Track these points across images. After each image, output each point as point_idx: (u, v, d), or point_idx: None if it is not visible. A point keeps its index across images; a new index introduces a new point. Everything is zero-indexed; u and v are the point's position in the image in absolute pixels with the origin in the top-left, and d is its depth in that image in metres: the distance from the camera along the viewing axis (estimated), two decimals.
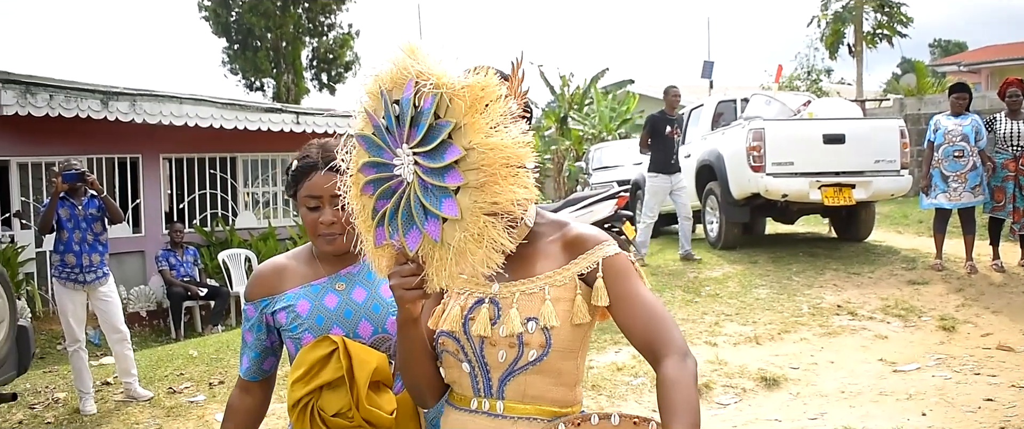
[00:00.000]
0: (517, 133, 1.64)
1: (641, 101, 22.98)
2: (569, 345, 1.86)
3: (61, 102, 10.71)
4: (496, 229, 1.65)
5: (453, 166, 1.64)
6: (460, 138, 1.63)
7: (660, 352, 1.75)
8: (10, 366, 6.01)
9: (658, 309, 1.82)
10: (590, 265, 1.85)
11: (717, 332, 7.88)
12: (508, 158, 1.62)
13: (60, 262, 6.89)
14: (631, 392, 6.48)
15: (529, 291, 1.86)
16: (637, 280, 1.86)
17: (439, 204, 1.66)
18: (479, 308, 1.90)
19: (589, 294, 1.85)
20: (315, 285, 2.37)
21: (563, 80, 22.49)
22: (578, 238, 1.89)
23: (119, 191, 12.22)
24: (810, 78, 26.86)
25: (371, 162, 1.78)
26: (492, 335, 1.85)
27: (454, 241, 1.66)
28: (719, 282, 9.56)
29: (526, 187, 1.67)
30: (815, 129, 10.23)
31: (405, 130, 1.69)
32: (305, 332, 2.31)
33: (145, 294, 12.22)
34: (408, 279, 1.77)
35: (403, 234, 1.74)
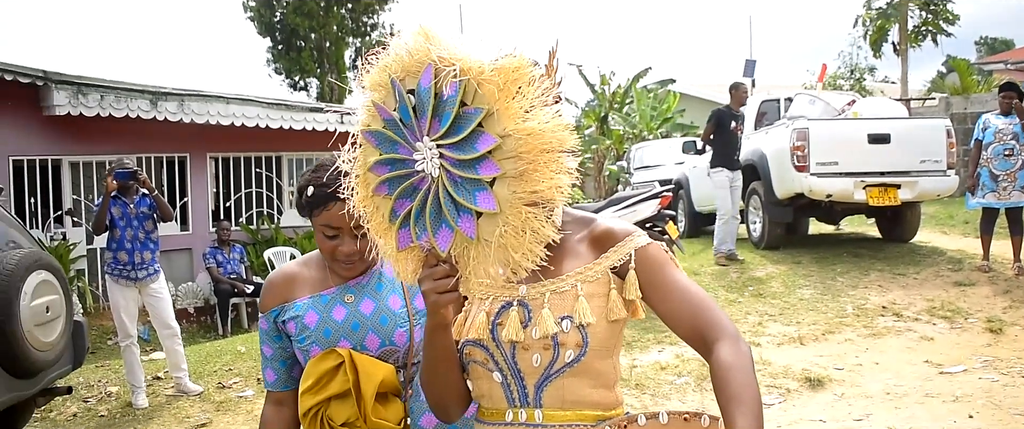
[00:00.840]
0: (554, 116, 1.55)
1: (682, 100, 22.88)
2: (606, 342, 1.78)
3: (111, 102, 10.92)
4: (538, 219, 1.56)
5: (487, 156, 1.52)
6: (493, 125, 1.51)
7: (710, 338, 1.68)
8: (66, 360, 6.15)
9: (700, 295, 1.74)
10: (622, 257, 1.78)
11: (760, 332, 7.87)
12: (547, 143, 1.53)
13: (113, 259, 7.04)
14: (675, 391, 6.50)
15: (560, 289, 1.78)
16: (673, 268, 1.79)
17: (473, 198, 1.55)
18: (507, 312, 1.80)
19: (623, 288, 1.78)
20: (324, 296, 2.34)
21: (603, 79, 22.44)
22: (607, 232, 1.82)
23: (167, 190, 12.43)
24: (854, 77, 26.58)
25: (384, 160, 1.66)
26: (524, 338, 1.76)
27: (493, 236, 1.56)
28: (762, 282, 9.54)
29: (568, 173, 1.57)
30: (860, 129, 10.17)
31: (426, 121, 1.56)
32: (312, 344, 2.28)
33: (192, 291, 12.42)
34: (442, 281, 1.66)
35: (432, 234, 1.63)
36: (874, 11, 25.07)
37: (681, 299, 1.74)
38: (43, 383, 5.96)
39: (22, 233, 6.27)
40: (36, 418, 6.72)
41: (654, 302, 1.77)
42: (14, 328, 5.41)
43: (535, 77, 1.55)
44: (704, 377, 6.64)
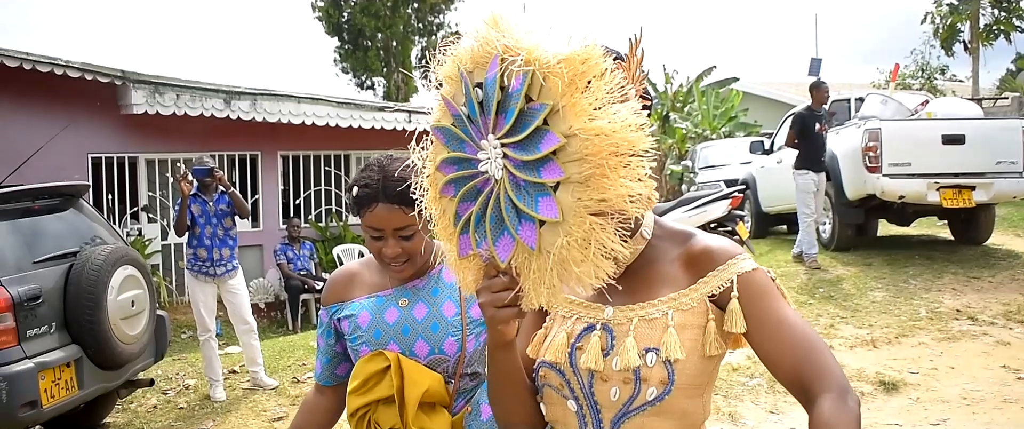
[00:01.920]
0: (628, 114, 1.36)
1: (745, 99, 22.68)
2: (696, 380, 1.56)
3: (187, 101, 11.18)
4: (606, 232, 1.38)
5: (550, 157, 1.36)
6: (558, 123, 1.35)
7: (814, 388, 1.45)
8: (148, 353, 6.33)
9: (809, 335, 1.51)
10: (723, 284, 1.56)
11: (832, 334, 7.79)
12: (618, 145, 1.34)
13: (193, 255, 7.21)
14: (747, 393, 6.47)
15: (650, 316, 1.58)
16: (780, 300, 1.56)
17: (535, 204, 1.40)
18: (589, 336, 1.62)
19: (721, 319, 1.57)
20: (380, 297, 2.32)
21: (666, 77, 22.34)
22: (706, 252, 1.61)
23: (239, 187, 12.67)
24: (924, 76, 26.12)
25: (451, 158, 1.52)
26: (604, 369, 1.57)
27: (554, 248, 1.39)
28: (833, 284, 9.44)
29: (641, 180, 1.37)
30: (934, 129, 10.01)
31: (491, 117, 1.42)
32: (363, 345, 2.26)
33: (263, 287, 12.65)
34: (500, 295, 1.50)
35: (492, 242, 1.49)
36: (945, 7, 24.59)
37: (786, 339, 1.51)
38: (127, 375, 6.14)
39: (106, 229, 6.46)
40: (118, 409, 6.92)
41: (754, 338, 1.55)
42: (102, 321, 5.58)
43: (606, 69, 1.37)
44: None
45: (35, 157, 6.82)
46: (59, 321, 5.50)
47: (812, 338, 1.51)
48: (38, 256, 5.60)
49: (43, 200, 6.00)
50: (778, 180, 11.75)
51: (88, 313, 5.52)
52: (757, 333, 1.54)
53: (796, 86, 24.49)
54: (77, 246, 5.87)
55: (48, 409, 5.26)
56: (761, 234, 12.92)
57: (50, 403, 5.26)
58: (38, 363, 5.20)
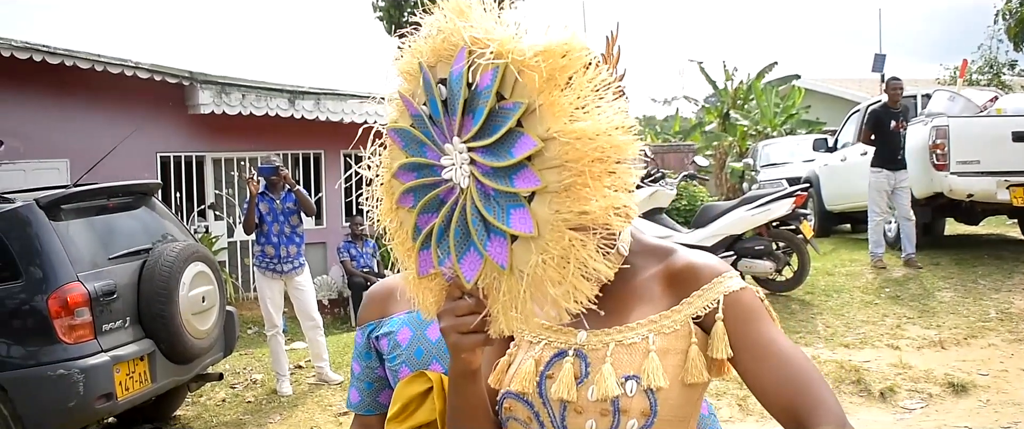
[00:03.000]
0: (614, 115, 1.20)
1: (807, 96, 22.39)
2: (680, 411, 1.40)
3: (252, 101, 11.38)
4: (587, 249, 1.22)
5: (525, 164, 1.20)
6: (534, 125, 1.19)
7: (808, 421, 1.29)
8: (218, 348, 6.48)
9: (803, 363, 1.36)
10: (708, 305, 1.41)
11: (899, 335, 7.68)
12: (602, 150, 1.19)
13: (260, 252, 7.35)
14: None
15: (628, 341, 1.42)
16: (770, 323, 1.41)
17: (506, 217, 1.22)
18: (560, 363, 1.45)
19: (705, 343, 1.41)
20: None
21: (726, 74, 22.15)
22: (689, 269, 1.46)
23: (302, 186, 12.85)
24: (992, 71, 25.55)
25: (410, 164, 1.35)
26: (578, 399, 1.40)
27: (528, 267, 1.22)
28: (899, 284, 9.30)
29: (628, 190, 1.22)
30: (1004, 126, 9.78)
31: (456, 118, 1.25)
32: (402, 364, 2.03)
33: (326, 283, 12.82)
34: (464, 319, 1.32)
35: (456, 259, 1.30)
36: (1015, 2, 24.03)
37: (777, 366, 1.35)
38: (197, 369, 6.29)
39: (177, 226, 6.62)
40: (188, 402, 7.08)
41: (741, 365, 1.39)
42: (174, 316, 5.72)
43: (591, 63, 1.22)
44: (842, 379, 6.55)
45: (107, 156, 7.01)
46: (133, 316, 5.66)
47: (806, 367, 1.35)
48: (113, 252, 5.76)
49: (117, 198, 6.17)
50: (842, 178, 11.58)
51: (161, 308, 5.66)
52: (745, 359, 1.38)
53: (859, 82, 24.13)
54: (149, 243, 6.02)
55: (122, 401, 5.42)
56: (825, 233, 12.76)
57: (124, 395, 5.41)
58: (113, 356, 5.35)
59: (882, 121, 9.92)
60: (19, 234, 5.37)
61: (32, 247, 5.33)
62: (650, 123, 36.02)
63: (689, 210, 12.89)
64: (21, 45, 10.08)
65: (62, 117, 10.89)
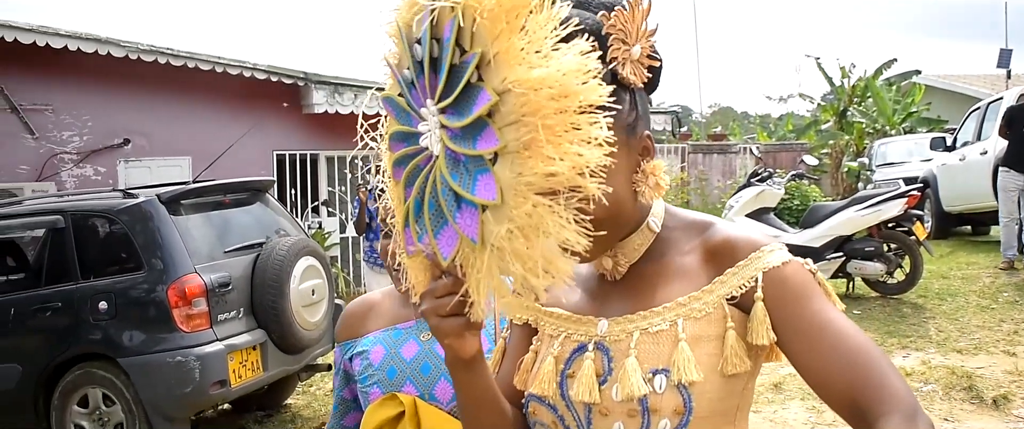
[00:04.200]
0: (573, 59, 1.04)
1: (928, 93, 21.68)
2: (721, 405, 1.23)
3: (365, 101, 11.64)
4: (555, 216, 1.04)
5: (486, 122, 1.06)
6: (491, 77, 1.04)
7: (873, 410, 1.11)
8: (327, 339, 6.69)
9: (865, 344, 1.16)
10: (745, 282, 1.23)
11: (1016, 342, 7.41)
12: (564, 99, 1.02)
13: (369, 249, 7.58)
14: (921, 400, 6.26)
15: (654, 328, 1.25)
16: (824, 301, 1.22)
17: (472, 184, 1.09)
18: (580, 359, 1.29)
19: (747, 327, 1.24)
20: (398, 329, 1.95)
21: (843, 71, 21.63)
22: (725, 243, 1.28)
23: None
24: None
25: (399, 132, 1.22)
26: (602, 400, 1.24)
27: (496, 239, 1.07)
28: (1019, 288, 8.96)
29: (598, 144, 1.04)
30: None
31: (425, 79, 1.13)
32: (374, 385, 1.88)
33: None
34: (442, 301, 1.18)
35: (432, 234, 1.17)
36: None
37: (834, 349, 1.16)
38: (307, 359, 6.51)
39: (289, 221, 6.86)
40: (298, 391, 7.33)
41: (790, 349, 1.22)
42: (285, 308, 5.94)
43: (545, 2, 1.05)
44: (953, 385, 6.36)
45: (227, 155, 7.32)
46: (246, 307, 5.90)
47: (869, 348, 1.16)
48: (228, 246, 6.02)
49: (233, 194, 6.44)
50: (961, 178, 11.21)
51: (272, 300, 5.88)
52: (794, 343, 1.20)
53: (983, 79, 23.22)
54: (263, 237, 6.27)
55: (235, 388, 5.66)
56: (942, 235, 12.37)
57: (237, 383, 5.65)
58: (227, 345, 5.59)
59: (1015, 119, 9.55)
60: (142, 227, 5.66)
61: (153, 240, 5.62)
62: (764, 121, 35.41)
63: (801, 210, 12.67)
64: (147, 48, 10.57)
65: (184, 116, 11.37)
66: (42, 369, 5.74)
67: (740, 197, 9.30)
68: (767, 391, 6.30)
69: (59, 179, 10.75)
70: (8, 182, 10.36)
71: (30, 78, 10.48)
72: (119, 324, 5.56)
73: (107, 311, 5.57)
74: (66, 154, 10.85)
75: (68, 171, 10.84)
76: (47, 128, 10.73)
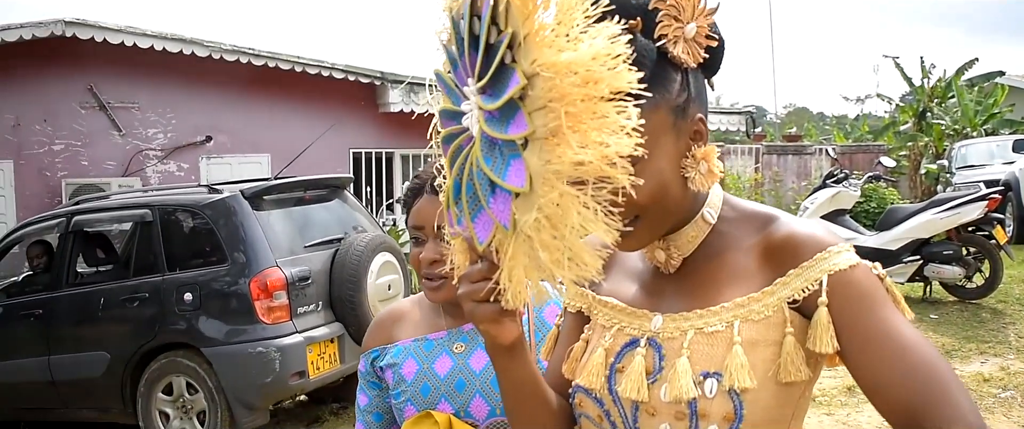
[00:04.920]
0: (602, 42, 0.99)
1: (1011, 94, 21.12)
2: (775, 414, 1.17)
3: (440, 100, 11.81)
4: (585, 206, 1.00)
5: (517, 106, 1.02)
6: (522, 59, 1.00)
7: (934, 424, 1.04)
8: None
9: (931, 357, 1.09)
10: (808, 286, 1.16)
11: None
12: (591, 85, 0.98)
13: None
14: (999, 406, 6.15)
15: (710, 328, 1.19)
16: (890, 308, 1.14)
17: (504, 169, 1.05)
18: (631, 353, 1.24)
19: (805, 333, 1.17)
20: (429, 340, 1.84)
21: (923, 71, 21.20)
22: (788, 241, 1.20)
23: None
24: None
25: (447, 110, 1.18)
26: (650, 399, 1.20)
27: (525, 227, 1.04)
28: None
29: (627, 133, 0.98)
30: None
31: (466, 57, 1.09)
32: (407, 402, 1.80)
33: None
34: (477, 286, 1.15)
35: (470, 218, 1.14)
36: None
37: (898, 361, 1.09)
38: None
39: (366, 218, 7.01)
40: None
41: (851, 359, 1.14)
42: (362, 302, 6.08)
43: None
44: None
45: (305, 151, 7.49)
46: (324, 300, 6.05)
47: (936, 362, 1.09)
48: (308, 241, 6.18)
49: (313, 191, 6.60)
50: None
51: (350, 294, 6.02)
52: (856, 352, 1.12)
53: None
54: (341, 233, 6.42)
55: (313, 380, 5.81)
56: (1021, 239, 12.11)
57: (316, 374, 5.80)
58: (307, 337, 5.75)
59: None
60: (226, 222, 5.85)
61: (237, 234, 5.80)
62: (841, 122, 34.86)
63: (877, 213, 12.49)
64: (230, 48, 10.86)
65: (264, 115, 11.65)
66: (129, 357, 5.97)
67: (815, 198, 9.22)
68: (840, 394, 6.26)
69: (144, 175, 11.10)
70: (96, 177, 10.74)
71: (118, 77, 10.86)
72: (203, 315, 5.75)
73: (191, 302, 5.77)
74: (151, 150, 11.19)
75: (152, 167, 11.19)
76: (133, 125, 11.09)
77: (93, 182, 10.56)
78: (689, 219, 1.26)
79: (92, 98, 10.82)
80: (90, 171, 10.82)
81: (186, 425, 5.92)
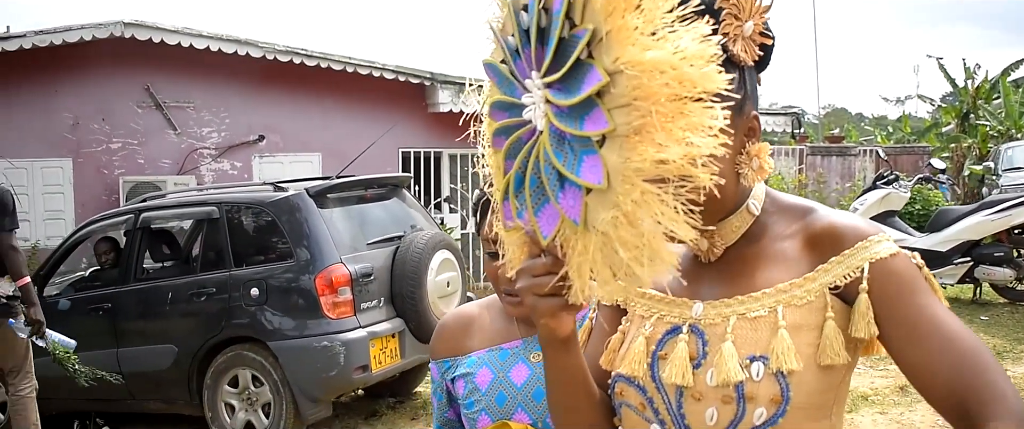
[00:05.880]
0: (691, 42, 0.99)
1: None
2: (819, 398, 1.20)
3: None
4: (665, 205, 1.01)
5: (595, 102, 1.02)
6: (602, 55, 1.01)
7: (980, 413, 1.09)
8: None
9: (973, 344, 1.14)
10: (850, 273, 1.20)
11: None
12: (679, 85, 0.98)
13: None
14: None
15: (753, 313, 1.23)
16: (930, 296, 1.19)
17: (578, 165, 1.05)
18: (674, 341, 1.27)
19: (846, 318, 1.21)
20: (504, 350, 1.82)
21: (967, 72, 21.03)
22: (829, 230, 1.25)
23: None
24: None
25: (501, 102, 1.17)
26: (695, 384, 1.23)
27: (600, 224, 1.04)
28: None
29: (713, 133, 0.99)
30: None
31: (532, 48, 1.08)
32: (481, 412, 1.77)
33: None
34: (540, 280, 1.16)
35: (532, 212, 1.14)
36: None
37: (941, 347, 1.14)
38: None
39: (424, 216, 7.15)
40: (427, 380, 7.60)
41: (893, 345, 1.19)
42: (422, 298, 6.22)
43: None
44: None
45: (355, 152, 7.64)
46: (386, 297, 6.20)
47: (978, 348, 1.14)
48: (370, 239, 6.34)
49: (373, 189, 6.75)
50: None
51: (411, 290, 6.17)
52: (898, 338, 1.18)
53: None
54: (401, 231, 6.56)
55: (376, 373, 5.96)
56: None
57: (378, 368, 5.95)
58: (370, 332, 5.90)
59: None
60: (291, 219, 6.01)
61: (302, 231, 5.96)
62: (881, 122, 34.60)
63: (923, 215, 12.45)
64: (284, 49, 11.05)
65: (315, 114, 11.84)
66: (196, 350, 6.15)
67: (865, 200, 9.25)
68: (892, 393, 6.31)
69: (198, 173, 11.32)
70: (152, 175, 10.97)
71: (174, 76, 11.09)
72: (269, 310, 5.92)
73: (258, 297, 5.94)
74: (205, 149, 11.42)
75: (206, 165, 11.41)
76: (188, 124, 11.32)
77: (149, 180, 10.79)
78: (735, 210, 1.30)
79: (149, 97, 11.06)
80: (146, 169, 11.06)
81: (251, 417, 6.09)
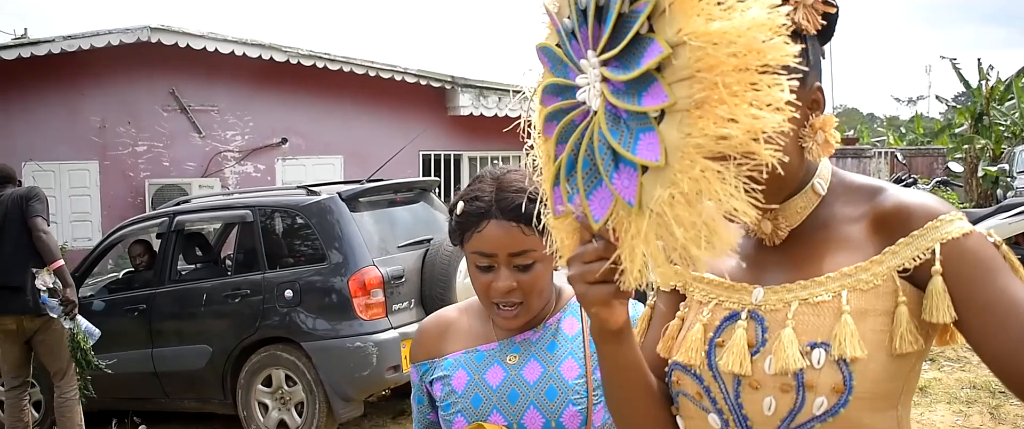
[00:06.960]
0: (760, 11, 0.94)
1: None
2: (885, 387, 1.13)
3: (508, 104, 12.06)
4: (725, 183, 0.95)
5: (654, 76, 0.97)
6: (663, 28, 0.96)
7: None
8: None
9: None
10: (920, 254, 1.13)
11: None
12: (746, 56, 0.93)
13: None
14: None
15: (815, 298, 1.16)
16: (1008, 276, 1.11)
17: (633, 143, 1.00)
18: (732, 327, 1.22)
19: (918, 303, 1.14)
20: (480, 352, 1.80)
21: (981, 73, 21.05)
22: (898, 209, 1.17)
23: None
24: None
25: (553, 85, 1.13)
26: (753, 372, 1.17)
27: (655, 203, 0.99)
28: None
29: (778, 108, 0.93)
30: None
31: (589, 27, 1.04)
32: (457, 414, 1.77)
33: None
34: (590, 266, 1.11)
35: (584, 195, 1.09)
36: None
37: (1018, 326, 1.06)
38: None
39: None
40: None
41: (972, 330, 1.11)
42: (452, 300, 6.34)
43: None
44: None
45: (376, 154, 7.77)
46: (416, 298, 6.32)
47: None
48: (401, 241, 6.46)
49: (402, 193, 6.88)
50: None
51: (440, 292, 6.29)
52: (977, 322, 1.10)
53: None
54: (430, 234, 6.69)
55: (407, 373, 6.08)
56: None
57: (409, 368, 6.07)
58: (401, 333, 6.03)
59: None
60: (324, 222, 6.15)
61: (335, 234, 6.09)
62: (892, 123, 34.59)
63: None
64: (306, 53, 11.21)
65: (337, 117, 12.00)
66: (230, 350, 6.29)
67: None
68: None
69: (223, 175, 11.49)
70: (177, 178, 11.15)
71: (198, 80, 11.27)
72: (302, 311, 6.05)
73: (292, 299, 6.07)
74: (229, 152, 11.58)
75: (231, 168, 11.58)
76: (212, 128, 11.49)
77: (174, 182, 10.97)
78: (799, 190, 1.23)
79: (174, 101, 11.23)
80: (171, 172, 11.23)
81: (285, 416, 6.22)
